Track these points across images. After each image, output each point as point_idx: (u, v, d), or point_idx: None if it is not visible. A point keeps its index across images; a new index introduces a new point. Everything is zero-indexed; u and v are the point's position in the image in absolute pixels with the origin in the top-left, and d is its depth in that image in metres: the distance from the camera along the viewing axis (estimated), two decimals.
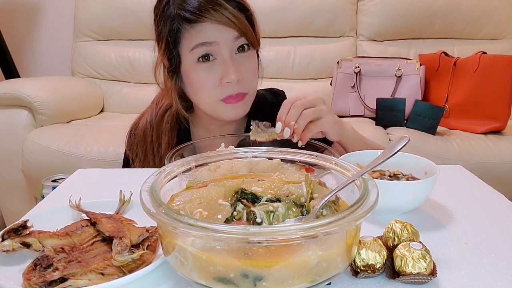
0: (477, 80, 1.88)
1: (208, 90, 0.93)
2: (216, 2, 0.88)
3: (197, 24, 0.89)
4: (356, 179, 0.55)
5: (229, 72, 0.90)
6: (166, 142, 1.03)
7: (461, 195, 0.80)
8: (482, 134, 1.85)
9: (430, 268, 0.51)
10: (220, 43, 0.90)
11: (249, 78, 0.95)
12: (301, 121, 0.86)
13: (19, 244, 0.57)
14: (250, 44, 0.94)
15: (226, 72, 0.91)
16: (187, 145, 0.87)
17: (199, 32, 0.90)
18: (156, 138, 1.03)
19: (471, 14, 2.37)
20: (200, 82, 0.93)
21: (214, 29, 0.89)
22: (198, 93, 0.96)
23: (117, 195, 0.73)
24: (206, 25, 0.89)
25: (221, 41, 0.90)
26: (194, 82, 0.95)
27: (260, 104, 1.04)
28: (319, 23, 2.42)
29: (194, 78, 0.94)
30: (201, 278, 0.47)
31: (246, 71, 0.94)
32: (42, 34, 2.75)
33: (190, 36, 0.91)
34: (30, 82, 2.07)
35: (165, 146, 1.02)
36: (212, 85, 0.92)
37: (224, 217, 0.52)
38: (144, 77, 2.47)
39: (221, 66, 0.91)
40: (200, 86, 0.94)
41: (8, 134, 1.89)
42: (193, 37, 0.90)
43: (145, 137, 1.04)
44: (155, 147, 1.03)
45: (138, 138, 1.05)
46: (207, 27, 0.89)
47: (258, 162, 0.69)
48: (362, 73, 2.12)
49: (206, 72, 0.92)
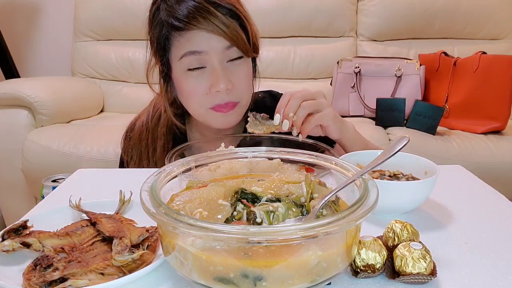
0: (477, 80, 1.88)
1: (197, 98, 0.92)
2: (205, 9, 0.85)
3: (186, 32, 0.87)
4: (356, 179, 0.55)
5: (218, 81, 0.87)
6: (162, 146, 1.01)
7: (461, 195, 0.80)
8: (482, 134, 1.85)
9: (430, 268, 0.51)
10: (209, 53, 0.87)
11: (241, 87, 0.92)
12: (300, 112, 0.84)
13: (19, 244, 0.57)
14: (243, 52, 0.90)
15: (215, 81, 0.88)
16: (187, 145, 0.87)
17: (188, 41, 0.87)
18: (151, 142, 1.02)
19: (471, 14, 2.37)
20: (189, 90, 0.92)
21: (204, 37, 0.86)
22: (188, 101, 0.95)
23: (117, 195, 0.73)
24: (195, 33, 0.86)
25: (210, 50, 0.87)
26: (184, 89, 0.93)
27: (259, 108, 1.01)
28: (319, 23, 2.42)
29: (184, 85, 0.92)
30: (201, 278, 0.47)
31: (237, 79, 0.91)
32: (42, 34, 2.75)
33: (179, 44, 0.88)
34: (30, 82, 2.06)
35: (160, 150, 1.01)
36: (201, 93, 0.90)
37: (224, 217, 0.52)
38: (144, 77, 2.43)
39: (211, 74, 0.89)
40: (189, 94, 0.93)
41: (8, 134, 1.89)
42: (182, 45, 0.88)
43: (140, 140, 1.03)
44: (150, 151, 1.02)
45: (133, 141, 1.04)
46: (196, 35, 0.86)
47: (258, 162, 0.69)
48: (362, 73, 2.12)
49: (196, 80, 0.90)
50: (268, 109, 0.99)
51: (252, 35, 0.93)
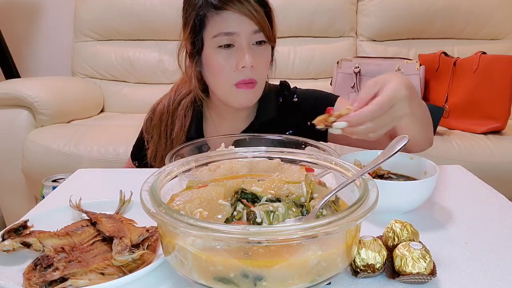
0: (477, 80, 1.88)
1: (225, 74, 1.00)
2: None
3: (222, 11, 0.97)
4: (356, 179, 0.55)
5: (244, 58, 0.97)
6: (179, 126, 1.11)
7: (461, 195, 0.80)
8: (482, 134, 1.85)
9: (430, 268, 0.51)
10: (240, 34, 0.97)
11: (261, 68, 1.02)
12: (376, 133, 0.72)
13: (20, 244, 0.57)
14: (267, 38, 1.01)
15: (242, 57, 0.97)
16: (187, 145, 0.87)
17: (223, 20, 0.97)
18: (170, 123, 1.12)
19: (471, 14, 2.37)
20: (218, 67, 1.00)
21: (237, 19, 0.97)
22: (215, 76, 1.03)
23: (117, 195, 0.73)
24: (229, 13, 0.96)
25: (241, 32, 0.97)
26: (213, 66, 1.01)
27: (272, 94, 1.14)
28: (319, 23, 2.42)
29: (214, 62, 1.00)
30: (201, 278, 0.47)
31: (259, 61, 1.00)
32: (42, 34, 2.74)
33: (214, 23, 0.98)
34: (30, 82, 2.06)
35: (177, 130, 1.10)
36: (229, 69, 0.99)
37: (224, 217, 0.52)
38: (144, 77, 2.47)
39: (239, 53, 0.98)
40: (218, 70, 1.01)
41: (8, 134, 1.89)
42: (217, 24, 0.98)
43: (161, 120, 1.13)
44: (169, 130, 1.12)
45: (155, 122, 1.14)
46: (231, 16, 0.96)
47: (258, 162, 0.70)
48: (362, 73, 2.11)
49: (225, 58, 0.99)
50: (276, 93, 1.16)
51: (274, 25, 1.06)
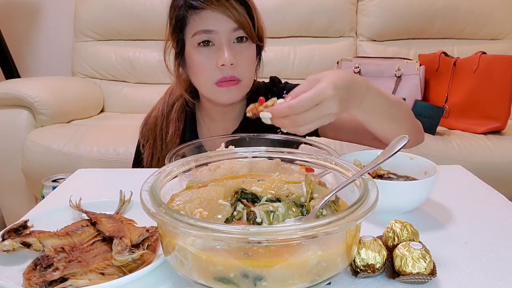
0: (477, 80, 1.88)
1: (205, 72, 1.01)
2: None
3: (201, 11, 0.99)
4: (356, 179, 0.55)
5: (224, 55, 0.97)
6: (173, 129, 1.12)
7: (461, 195, 0.80)
8: (482, 134, 1.85)
9: (430, 268, 0.51)
10: (219, 32, 0.98)
11: (243, 66, 1.02)
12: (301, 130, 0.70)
13: (20, 244, 0.57)
14: (248, 35, 1.01)
15: (222, 55, 0.98)
16: (187, 146, 0.87)
17: (201, 19, 0.99)
18: (165, 126, 1.14)
19: (471, 14, 2.37)
20: (199, 65, 1.02)
21: (215, 18, 0.98)
22: (197, 75, 1.04)
23: (117, 195, 0.73)
24: (208, 12, 0.98)
25: (220, 30, 0.98)
26: (194, 65, 1.03)
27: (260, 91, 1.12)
28: (319, 23, 2.42)
29: (194, 60, 1.02)
30: (201, 278, 0.47)
31: (241, 59, 1.00)
32: (42, 34, 2.74)
33: (194, 22, 1.00)
34: (30, 82, 2.06)
35: (171, 133, 1.12)
36: (209, 68, 1.00)
37: (224, 217, 0.52)
38: (144, 77, 2.47)
39: (218, 50, 0.99)
40: (198, 68, 1.02)
41: (8, 134, 1.88)
42: (196, 23, 1.00)
43: (156, 125, 1.14)
44: (164, 134, 1.13)
45: (150, 126, 1.15)
46: (209, 15, 0.98)
47: (258, 162, 0.69)
48: (362, 73, 2.11)
49: (205, 56, 1.00)
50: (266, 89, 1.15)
51: (258, 24, 1.04)
